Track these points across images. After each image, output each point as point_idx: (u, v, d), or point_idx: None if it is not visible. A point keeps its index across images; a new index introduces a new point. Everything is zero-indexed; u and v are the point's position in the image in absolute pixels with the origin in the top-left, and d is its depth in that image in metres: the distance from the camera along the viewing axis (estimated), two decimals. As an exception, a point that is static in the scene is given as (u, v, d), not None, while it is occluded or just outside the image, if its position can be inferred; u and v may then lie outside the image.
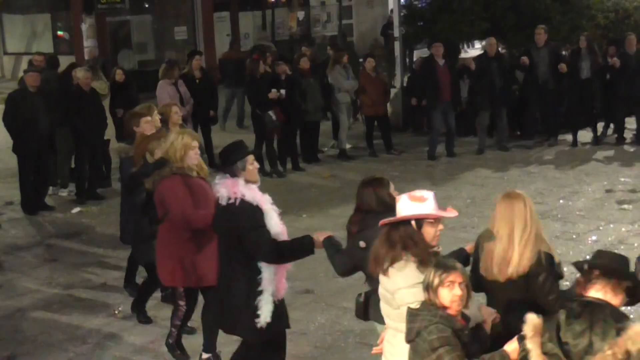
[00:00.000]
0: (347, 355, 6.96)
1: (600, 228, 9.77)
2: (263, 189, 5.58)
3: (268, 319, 5.47)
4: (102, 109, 12.23)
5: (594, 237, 9.44)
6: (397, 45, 16.53)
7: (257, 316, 5.45)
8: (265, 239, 5.36)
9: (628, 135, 14.24)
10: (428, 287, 4.20)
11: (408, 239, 4.54)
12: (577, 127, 14.24)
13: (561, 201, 11.01)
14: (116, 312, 8.04)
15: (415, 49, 19.82)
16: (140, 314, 7.74)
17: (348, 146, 14.37)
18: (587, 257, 8.72)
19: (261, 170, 13.14)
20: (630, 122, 14.34)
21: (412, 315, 4.24)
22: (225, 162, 5.55)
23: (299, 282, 8.00)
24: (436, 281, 4.18)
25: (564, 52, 15.19)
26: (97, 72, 12.89)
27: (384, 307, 4.73)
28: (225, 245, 5.60)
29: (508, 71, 14.27)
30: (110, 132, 12.66)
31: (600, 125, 14.47)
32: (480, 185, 12.04)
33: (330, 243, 5.41)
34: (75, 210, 11.70)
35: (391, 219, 4.62)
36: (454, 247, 5.34)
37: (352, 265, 5.35)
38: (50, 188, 12.31)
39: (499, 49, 14.69)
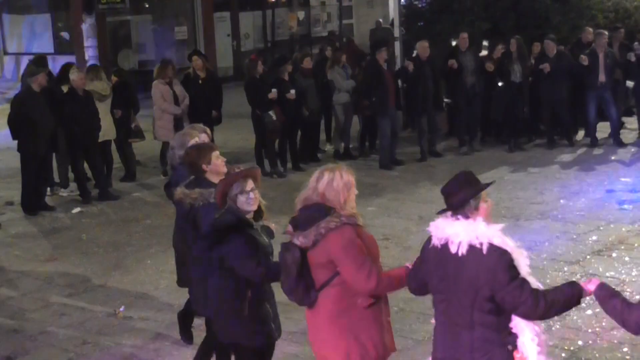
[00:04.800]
0: (347, 355, 6.93)
1: (601, 228, 9.75)
2: (263, 189, 5.45)
3: None
4: (96, 112, 11.95)
5: (594, 237, 9.43)
6: (397, 45, 16.51)
7: None
8: (528, 290, 4.37)
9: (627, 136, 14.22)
10: None
11: None
12: (514, 132, 14.09)
13: (561, 201, 11.00)
14: (116, 312, 8.04)
15: (415, 49, 19.74)
16: None
17: (351, 145, 14.32)
18: (588, 257, 8.78)
19: (261, 170, 13.40)
20: (632, 122, 14.33)
21: None
22: (455, 200, 4.51)
23: (299, 282, 7.99)
24: None
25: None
26: (99, 72, 12.76)
27: None
28: (463, 304, 4.45)
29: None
30: (111, 134, 12.64)
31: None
32: (480, 186, 12.01)
33: (606, 292, 4.42)
34: (76, 210, 11.69)
35: None
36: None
37: None
38: (48, 189, 12.27)
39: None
